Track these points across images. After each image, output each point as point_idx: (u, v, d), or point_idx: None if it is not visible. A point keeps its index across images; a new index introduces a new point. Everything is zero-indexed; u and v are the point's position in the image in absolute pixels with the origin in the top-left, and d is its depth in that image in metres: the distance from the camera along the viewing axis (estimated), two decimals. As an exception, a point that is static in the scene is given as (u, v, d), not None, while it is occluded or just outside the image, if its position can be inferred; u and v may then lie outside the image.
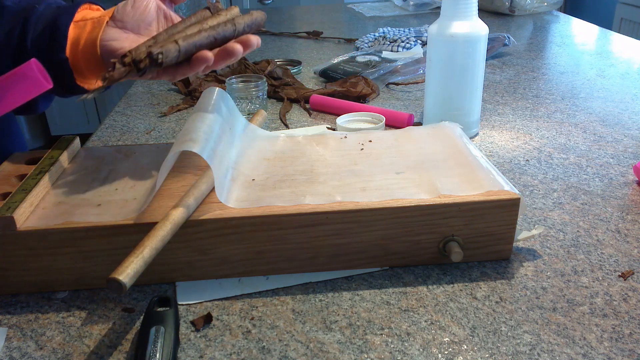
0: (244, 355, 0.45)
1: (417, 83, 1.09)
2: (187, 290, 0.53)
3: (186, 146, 0.51)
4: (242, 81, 0.94)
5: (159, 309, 0.47)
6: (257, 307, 0.51)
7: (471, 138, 0.85)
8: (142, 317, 0.47)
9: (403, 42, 1.30)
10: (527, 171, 0.74)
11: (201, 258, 0.53)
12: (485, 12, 1.79)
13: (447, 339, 0.46)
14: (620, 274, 0.54)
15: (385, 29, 1.45)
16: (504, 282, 0.53)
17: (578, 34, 1.52)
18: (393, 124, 0.88)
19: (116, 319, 0.50)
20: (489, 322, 0.48)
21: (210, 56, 0.53)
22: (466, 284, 0.53)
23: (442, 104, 0.82)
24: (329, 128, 0.89)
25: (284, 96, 1.02)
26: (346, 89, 1.00)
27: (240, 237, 0.52)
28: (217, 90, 0.63)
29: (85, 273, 0.52)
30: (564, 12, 2.28)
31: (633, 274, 0.54)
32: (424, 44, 1.35)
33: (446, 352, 0.45)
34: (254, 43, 0.54)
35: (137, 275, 0.44)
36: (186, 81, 1.08)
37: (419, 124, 0.89)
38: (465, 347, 0.45)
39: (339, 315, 0.49)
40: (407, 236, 0.53)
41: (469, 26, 0.76)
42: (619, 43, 1.40)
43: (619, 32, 1.58)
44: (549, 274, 0.54)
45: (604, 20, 2.66)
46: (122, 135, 0.90)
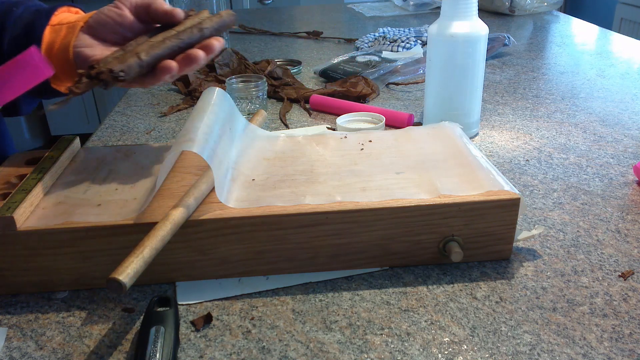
0: (244, 355, 0.45)
1: (417, 83, 1.09)
2: (187, 290, 0.53)
3: (186, 146, 0.51)
4: (242, 81, 0.94)
5: (159, 309, 0.47)
6: (257, 307, 0.51)
7: (471, 138, 0.85)
8: (142, 317, 0.47)
9: (403, 42, 1.30)
10: (527, 171, 0.74)
11: (201, 258, 0.53)
12: (485, 12, 1.79)
13: (447, 339, 0.46)
14: (620, 274, 0.54)
15: (385, 29, 1.45)
16: (504, 282, 0.53)
17: (578, 34, 1.52)
18: (393, 124, 0.88)
19: (116, 319, 0.50)
20: (489, 322, 0.48)
21: (174, 66, 0.53)
22: (466, 284, 0.53)
23: (442, 104, 0.82)
24: (329, 128, 0.89)
25: (284, 96, 1.02)
26: (346, 89, 1.00)
27: (240, 237, 0.52)
28: (217, 90, 0.63)
29: (85, 273, 0.52)
30: (564, 12, 2.28)
31: (633, 274, 0.54)
32: (424, 44, 1.35)
33: (446, 352, 0.45)
34: (216, 48, 0.54)
35: (137, 275, 0.44)
36: (186, 81, 1.08)
37: (419, 124, 0.89)
38: (465, 347, 0.45)
39: (339, 315, 0.49)
40: (407, 236, 0.53)
41: (469, 26, 0.76)
42: (619, 43, 1.40)
43: (619, 32, 1.58)
44: (549, 274, 0.54)
45: (604, 20, 2.67)
46: (122, 135, 0.90)
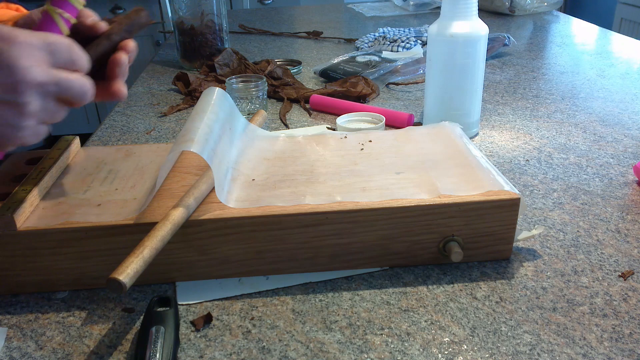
0: (244, 355, 0.45)
1: (417, 83, 1.09)
2: (187, 290, 0.53)
3: (186, 146, 0.51)
4: (242, 81, 0.94)
5: (159, 309, 0.47)
6: (257, 307, 0.51)
7: (471, 138, 0.85)
8: (142, 317, 0.47)
9: (403, 42, 1.30)
10: (527, 171, 0.74)
11: (201, 258, 0.53)
12: (485, 12, 1.79)
13: (447, 339, 0.46)
14: (620, 274, 0.54)
15: (385, 29, 1.45)
16: (504, 282, 0.53)
17: (578, 34, 1.52)
18: (393, 124, 0.88)
19: (116, 319, 0.50)
20: (489, 322, 0.48)
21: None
22: (466, 284, 0.53)
23: (442, 104, 0.82)
24: (329, 128, 0.89)
25: (284, 96, 1.02)
26: (346, 89, 1.00)
27: (240, 237, 0.52)
28: (217, 90, 0.63)
29: (85, 273, 0.52)
30: (564, 12, 2.28)
31: (633, 274, 0.54)
32: (424, 44, 1.35)
33: (446, 352, 0.45)
34: (129, 47, 0.53)
35: (137, 275, 0.44)
36: (186, 81, 1.08)
37: (419, 124, 0.89)
38: (465, 347, 0.45)
39: (339, 315, 0.49)
40: (407, 236, 0.53)
41: (469, 26, 0.76)
42: (619, 43, 1.40)
43: (619, 32, 1.58)
44: (549, 274, 0.54)
45: (604, 20, 2.67)
46: (122, 135, 0.90)
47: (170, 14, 2.03)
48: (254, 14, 1.94)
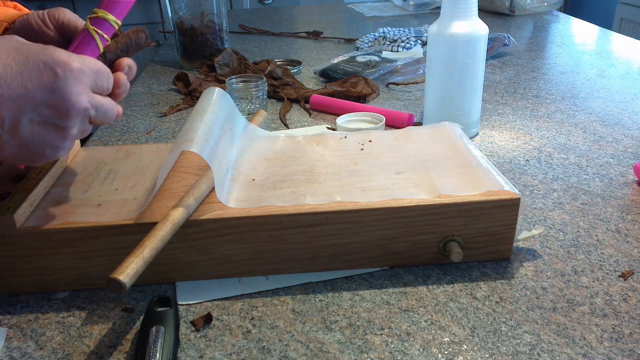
0: (244, 355, 0.45)
1: (417, 83, 1.09)
2: (187, 290, 0.53)
3: (186, 146, 0.51)
4: (242, 81, 0.94)
5: (159, 309, 0.47)
6: (257, 307, 0.51)
7: (471, 138, 0.85)
8: (142, 317, 0.47)
9: (403, 42, 1.30)
10: (527, 171, 0.74)
11: (201, 258, 0.53)
12: (485, 12, 1.79)
13: (447, 339, 0.46)
14: (620, 274, 0.54)
15: (385, 29, 1.45)
16: (504, 282, 0.53)
17: (578, 34, 1.52)
18: (393, 124, 0.88)
19: (116, 319, 0.50)
20: (489, 322, 0.48)
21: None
22: (466, 284, 0.53)
23: (442, 104, 0.82)
24: (329, 128, 0.89)
25: (284, 96, 1.02)
26: (346, 89, 1.00)
27: (240, 237, 0.52)
28: (217, 90, 0.63)
29: (85, 273, 0.52)
30: (564, 12, 2.28)
31: (633, 274, 0.54)
32: (424, 44, 1.35)
33: (446, 352, 0.45)
34: (124, 65, 0.53)
35: (137, 275, 0.44)
36: (186, 81, 1.08)
37: (419, 124, 0.89)
38: (465, 347, 0.45)
39: (339, 315, 0.49)
40: (407, 236, 0.53)
41: (469, 26, 0.76)
42: (619, 43, 1.40)
43: (619, 32, 1.58)
44: (549, 274, 0.54)
45: (604, 20, 2.67)
46: (122, 135, 0.90)
47: (170, 14, 2.03)
48: (254, 14, 1.94)
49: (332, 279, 0.54)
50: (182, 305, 0.51)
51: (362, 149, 0.65)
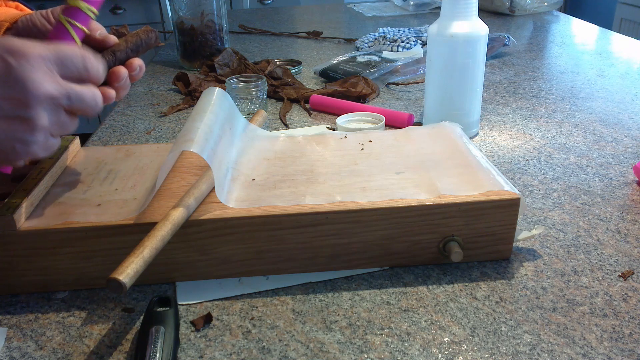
0: (244, 355, 0.45)
1: (417, 83, 1.09)
2: (187, 290, 0.53)
3: (186, 146, 0.51)
4: (242, 81, 0.94)
5: (159, 309, 0.47)
6: (257, 307, 0.51)
7: (471, 138, 0.85)
8: (142, 317, 0.47)
9: (403, 42, 1.30)
10: (527, 171, 0.74)
11: (201, 258, 0.53)
12: (485, 12, 1.79)
13: (447, 339, 0.46)
14: (620, 274, 0.54)
15: (385, 29, 1.45)
16: (504, 282, 0.53)
17: (578, 34, 1.52)
18: (393, 124, 0.88)
19: (116, 319, 0.50)
20: (489, 322, 0.48)
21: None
22: (466, 284, 0.53)
23: (442, 104, 0.82)
24: (329, 128, 0.89)
25: (284, 96, 1.02)
26: (346, 89, 1.00)
27: (240, 237, 0.52)
28: (217, 90, 0.63)
29: (85, 273, 0.52)
30: (564, 12, 2.28)
31: (633, 274, 0.54)
32: (424, 44, 1.35)
33: (446, 352, 0.45)
34: (134, 65, 0.52)
35: (137, 275, 0.44)
36: (186, 81, 1.08)
37: (419, 124, 0.89)
38: (465, 347, 0.45)
39: (339, 315, 0.49)
40: (407, 236, 0.53)
41: (469, 26, 0.76)
42: (619, 43, 1.40)
43: (619, 32, 1.58)
44: (549, 274, 0.54)
45: (604, 20, 2.67)
46: (122, 135, 0.90)
47: (170, 14, 2.03)
48: (254, 14, 1.94)
49: (332, 279, 0.54)
50: (182, 305, 0.51)
51: (362, 149, 0.65)
